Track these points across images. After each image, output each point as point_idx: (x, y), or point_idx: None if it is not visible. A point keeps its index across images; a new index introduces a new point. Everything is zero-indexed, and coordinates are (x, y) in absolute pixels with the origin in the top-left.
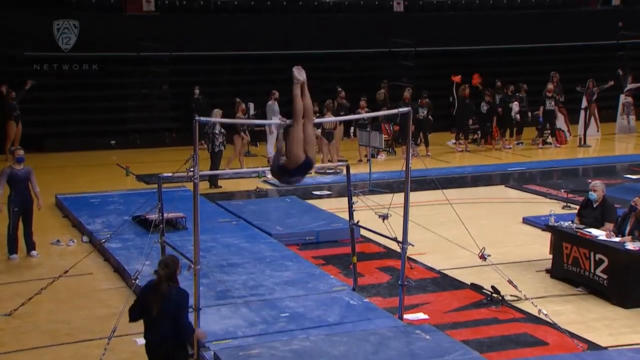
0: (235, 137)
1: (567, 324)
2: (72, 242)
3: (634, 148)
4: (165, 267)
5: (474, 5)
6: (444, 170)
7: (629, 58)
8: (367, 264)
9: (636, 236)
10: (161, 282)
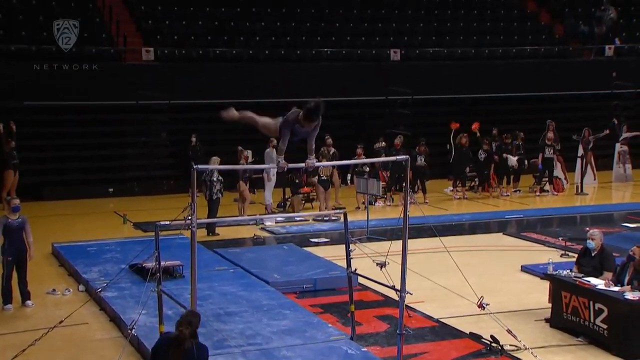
0: (239, 184)
1: None
2: (68, 292)
3: (631, 196)
4: (189, 325)
5: (470, 55)
6: (442, 218)
7: (623, 107)
8: (365, 312)
9: (635, 286)
10: (185, 340)
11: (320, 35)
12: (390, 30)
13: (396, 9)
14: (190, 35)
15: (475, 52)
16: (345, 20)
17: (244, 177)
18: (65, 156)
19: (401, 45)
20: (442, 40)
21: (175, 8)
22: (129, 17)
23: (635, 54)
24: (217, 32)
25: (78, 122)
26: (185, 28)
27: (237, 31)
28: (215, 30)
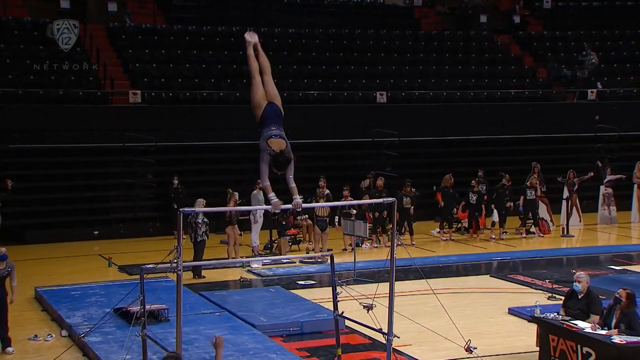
0: (227, 229)
1: None
2: (51, 337)
3: (617, 239)
4: None
5: (455, 97)
6: (429, 260)
7: (606, 150)
8: (352, 356)
9: (622, 329)
10: None
11: (306, 77)
12: (377, 72)
13: (382, 52)
14: (178, 78)
15: (460, 94)
16: (332, 62)
17: (233, 220)
18: (49, 199)
19: (387, 88)
20: (428, 83)
21: (162, 51)
22: (116, 60)
23: (617, 97)
24: (204, 75)
25: (63, 164)
26: (172, 70)
27: (223, 74)
28: (202, 72)
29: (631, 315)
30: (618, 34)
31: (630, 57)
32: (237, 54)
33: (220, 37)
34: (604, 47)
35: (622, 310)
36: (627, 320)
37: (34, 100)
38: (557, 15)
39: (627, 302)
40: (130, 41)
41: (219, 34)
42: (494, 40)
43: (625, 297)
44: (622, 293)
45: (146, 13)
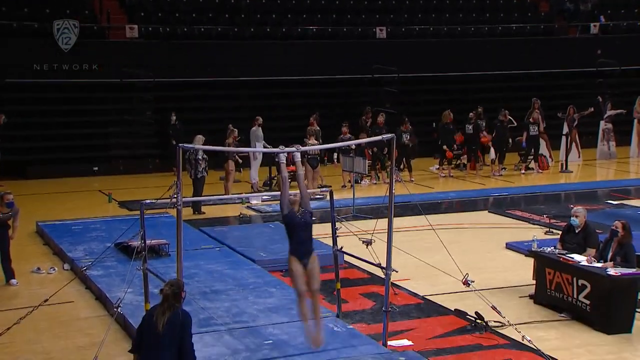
0: (226, 164)
1: (551, 350)
2: (53, 270)
3: (615, 174)
4: (171, 286)
5: (456, 33)
6: (428, 196)
7: (607, 85)
8: (351, 290)
9: (618, 262)
10: (167, 299)
11: (306, 12)
12: (376, 7)
13: None
14: (175, 13)
15: (461, 29)
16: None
17: (232, 156)
18: (49, 135)
19: (387, 23)
20: (428, 18)
21: None
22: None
23: (619, 31)
24: (202, 10)
25: (62, 100)
26: (169, 5)
27: (222, 8)
28: (199, 7)
29: (627, 247)
30: None
31: None
32: None
33: None
34: None
35: (618, 242)
36: (623, 251)
37: (29, 34)
38: None
39: (624, 233)
40: None
41: None
42: None
43: (622, 227)
44: (618, 224)
45: None
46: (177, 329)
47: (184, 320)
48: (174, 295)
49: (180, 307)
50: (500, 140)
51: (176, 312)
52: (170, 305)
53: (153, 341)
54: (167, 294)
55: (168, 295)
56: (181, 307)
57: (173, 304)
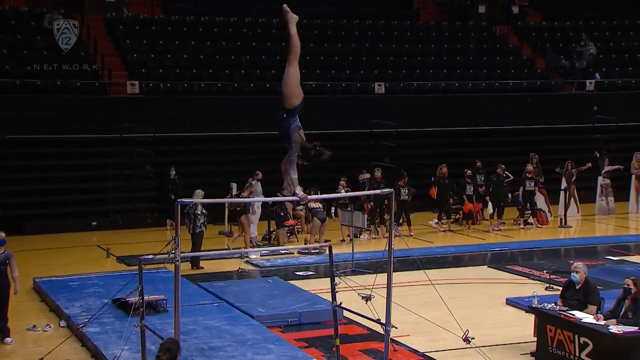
0: (241, 218)
1: None
2: (49, 328)
3: (614, 230)
4: (168, 352)
5: (453, 88)
6: (427, 250)
7: (604, 141)
8: (351, 346)
9: (629, 318)
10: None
11: (305, 68)
12: (375, 63)
13: (380, 42)
14: (176, 69)
15: (458, 85)
16: (330, 53)
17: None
18: (47, 189)
19: (385, 79)
20: (426, 74)
21: (160, 41)
22: (114, 50)
23: (615, 88)
24: (202, 65)
25: (61, 155)
26: (170, 61)
27: (222, 64)
28: (200, 63)
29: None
30: (616, 25)
31: (628, 48)
32: (234, 45)
33: (218, 27)
34: (602, 38)
35: (632, 299)
36: (635, 307)
37: (31, 90)
38: (555, 5)
39: (637, 290)
40: (128, 32)
41: (216, 24)
42: (492, 30)
43: (633, 284)
44: (629, 282)
45: (144, 3)
46: None
47: None
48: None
49: None
50: (498, 195)
51: None
52: None
53: None
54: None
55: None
56: None
57: None
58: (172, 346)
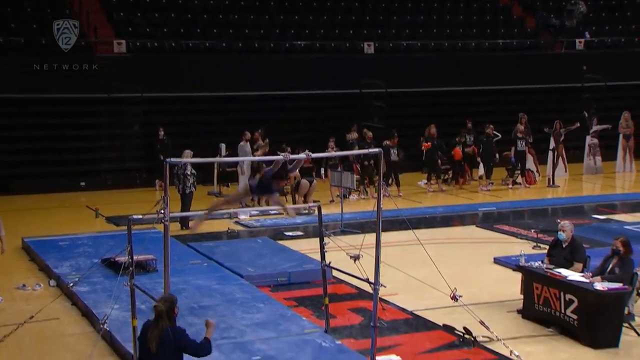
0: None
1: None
2: (39, 287)
3: (601, 188)
4: (165, 302)
5: (443, 48)
6: (416, 211)
7: (593, 100)
8: (339, 305)
9: (616, 273)
10: (161, 316)
11: (293, 27)
12: (364, 22)
13: (370, 2)
14: (163, 27)
15: (448, 45)
16: (319, 12)
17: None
18: (35, 149)
19: (375, 38)
20: (416, 33)
21: None
22: (100, 9)
23: (604, 47)
24: (190, 24)
25: (49, 114)
26: (157, 20)
27: (210, 23)
28: (188, 22)
29: (626, 261)
30: None
31: (618, 6)
32: (222, 3)
33: None
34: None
35: (620, 257)
36: (622, 263)
37: (17, 49)
38: None
39: (625, 250)
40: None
41: None
42: None
43: (622, 245)
44: (617, 244)
45: None
46: (171, 346)
47: (175, 336)
48: (168, 312)
49: (169, 325)
50: (488, 155)
51: (166, 331)
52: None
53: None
54: (161, 310)
55: (162, 311)
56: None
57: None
58: (169, 298)
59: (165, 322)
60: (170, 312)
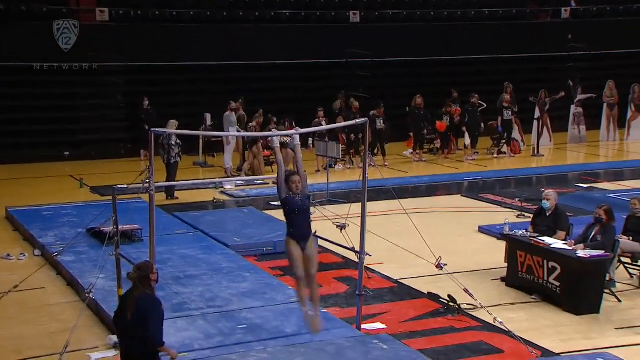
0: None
1: (522, 332)
2: (24, 256)
3: (585, 157)
4: (138, 270)
5: (429, 17)
6: (401, 180)
7: (578, 69)
8: (325, 274)
9: (598, 240)
10: (135, 284)
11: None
12: None
13: None
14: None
15: (434, 14)
16: None
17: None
18: (18, 119)
19: (360, 7)
20: (402, 3)
21: None
22: None
23: (590, 16)
24: None
25: (32, 84)
26: None
27: None
28: None
29: (608, 228)
30: None
31: None
32: None
33: None
34: None
35: (602, 225)
36: (604, 230)
37: None
38: None
39: (607, 218)
40: None
41: None
42: None
43: (604, 213)
44: (600, 212)
45: None
46: (140, 316)
47: (147, 305)
48: (141, 279)
49: (146, 292)
50: (473, 124)
51: (142, 297)
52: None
53: (123, 327)
54: (133, 277)
55: (134, 279)
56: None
57: (139, 290)
58: (144, 265)
59: (139, 289)
60: (144, 279)
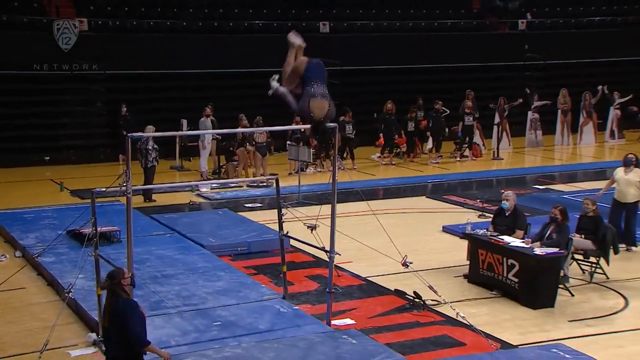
0: (239, 150)
1: (482, 325)
2: (4, 257)
3: (541, 161)
4: (109, 279)
5: (395, 27)
6: (369, 183)
7: (534, 78)
8: (297, 272)
9: (553, 238)
10: (109, 293)
11: (252, 7)
12: (320, 3)
13: None
14: (124, 6)
15: (399, 25)
16: None
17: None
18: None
19: (330, 18)
20: (369, 13)
21: None
22: None
23: (545, 28)
24: (151, 4)
25: (13, 91)
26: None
27: (169, 3)
28: (148, 1)
29: (562, 227)
30: None
31: None
32: None
33: None
34: None
35: (557, 224)
36: (559, 229)
37: None
38: None
39: (562, 217)
40: None
41: None
42: None
43: (560, 213)
44: (555, 212)
45: None
46: (119, 320)
47: (124, 309)
48: (114, 287)
49: (121, 298)
50: (437, 130)
51: (117, 303)
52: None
53: (105, 337)
54: (106, 287)
55: (108, 288)
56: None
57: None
58: (115, 273)
59: (115, 296)
60: (116, 287)
